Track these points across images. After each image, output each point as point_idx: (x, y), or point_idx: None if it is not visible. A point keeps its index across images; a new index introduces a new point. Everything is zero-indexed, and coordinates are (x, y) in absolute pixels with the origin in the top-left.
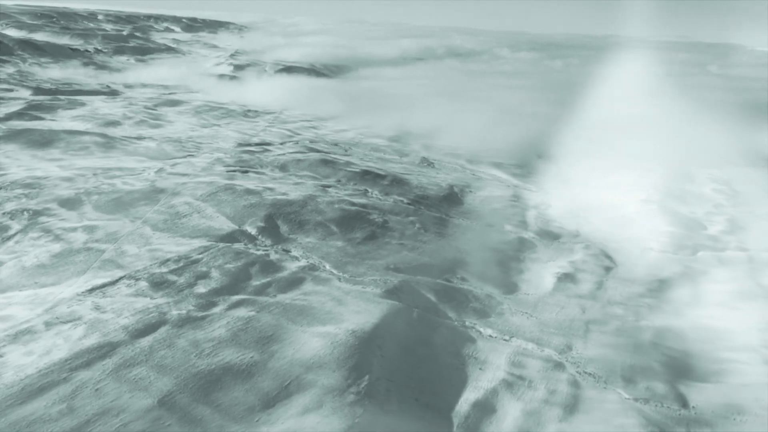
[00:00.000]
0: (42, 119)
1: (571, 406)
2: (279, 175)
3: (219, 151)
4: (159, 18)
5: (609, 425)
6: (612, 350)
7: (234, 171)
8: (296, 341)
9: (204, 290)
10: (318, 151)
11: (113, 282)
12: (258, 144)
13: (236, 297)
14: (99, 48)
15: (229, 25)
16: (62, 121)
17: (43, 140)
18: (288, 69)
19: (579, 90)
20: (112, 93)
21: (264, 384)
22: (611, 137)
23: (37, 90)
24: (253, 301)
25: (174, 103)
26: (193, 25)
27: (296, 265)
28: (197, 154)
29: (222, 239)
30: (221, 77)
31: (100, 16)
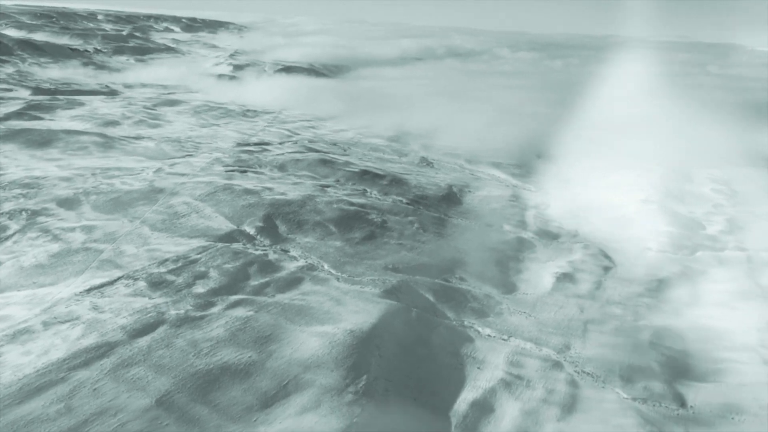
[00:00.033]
0: (41, 119)
1: (570, 406)
2: (278, 175)
3: (218, 151)
4: (159, 18)
5: (607, 425)
6: (610, 350)
7: (233, 171)
8: (294, 341)
9: (202, 290)
10: (317, 151)
11: (111, 282)
12: (257, 144)
13: (234, 297)
14: (98, 48)
15: (229, 25)
16: (61, 121)
17: (42, 140)
18: (287, 69)
19: (579, 90)
20: (112, 93)
21: (262, 384)
22: (611, 137)
23: (37, 90)
24: (252, 301)
25: (173, 103)
26: (193, 25)
27: (295, 265)
28: (196, 154)
29: (220, 239)
30: (220, 77)
31: (100, 16)
